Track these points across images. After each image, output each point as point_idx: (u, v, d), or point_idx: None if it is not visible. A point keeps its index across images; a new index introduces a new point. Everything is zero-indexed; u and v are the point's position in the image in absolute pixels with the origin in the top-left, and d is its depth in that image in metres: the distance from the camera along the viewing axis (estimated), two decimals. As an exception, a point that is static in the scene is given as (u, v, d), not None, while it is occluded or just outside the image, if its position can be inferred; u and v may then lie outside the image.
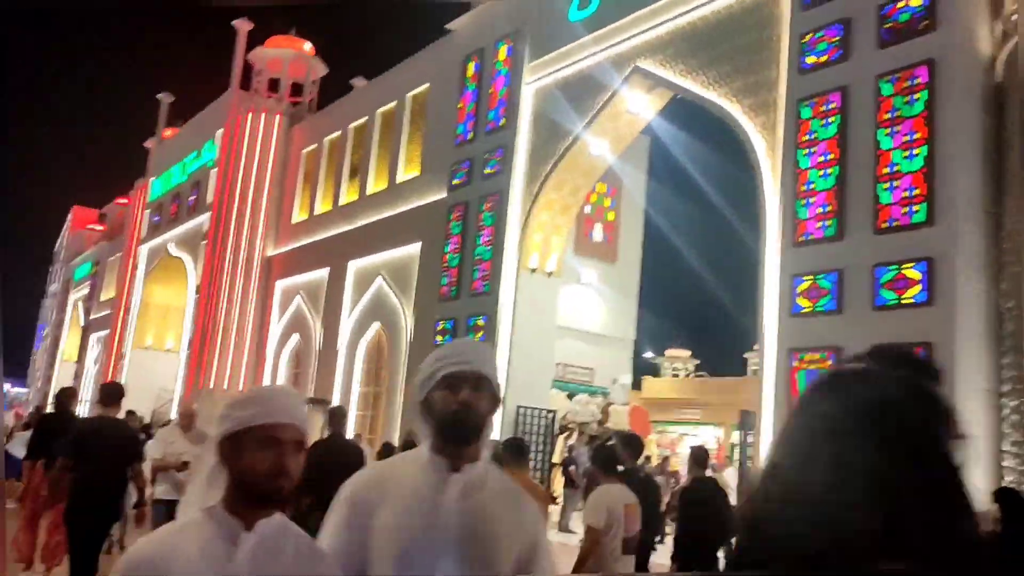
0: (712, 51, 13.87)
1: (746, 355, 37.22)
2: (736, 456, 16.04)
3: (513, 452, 6.88)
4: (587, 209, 20.01)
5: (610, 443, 18.27)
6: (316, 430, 15.58)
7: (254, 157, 27.94)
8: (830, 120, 11.67)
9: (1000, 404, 10.01)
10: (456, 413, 2.15)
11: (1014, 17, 10.08)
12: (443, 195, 19.63)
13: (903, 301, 10.41)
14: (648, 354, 25.59)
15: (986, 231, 10.41)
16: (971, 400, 9.81)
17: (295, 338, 25.59)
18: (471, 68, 19.47)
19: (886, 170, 10.85)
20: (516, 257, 17.28)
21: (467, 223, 18.47)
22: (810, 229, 11.66)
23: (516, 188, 17.49)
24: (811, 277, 11.50)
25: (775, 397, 11.73)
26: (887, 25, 11.21)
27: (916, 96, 10.70)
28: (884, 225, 10.77)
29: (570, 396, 18.93)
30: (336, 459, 8.03)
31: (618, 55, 15.72)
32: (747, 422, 13.78)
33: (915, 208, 10.49)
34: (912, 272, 10.39)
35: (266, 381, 26.31)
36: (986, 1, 10.86)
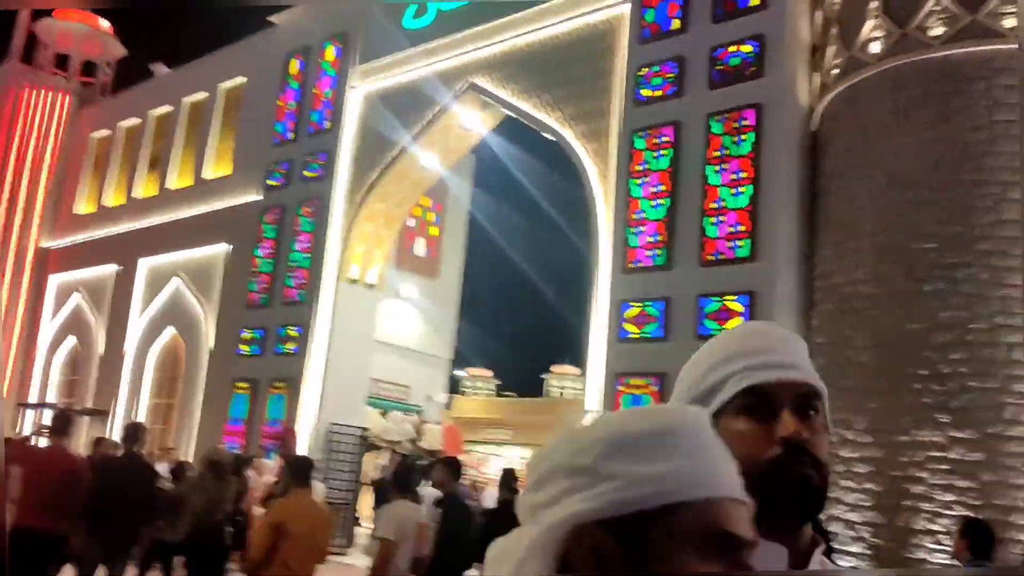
0: (548, 75, 13.98)
1: (543, 375, 38.03)
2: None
3: (295, 471, 6.36)
4: (410, 222, 19.58)
5: (417, 463, 17.87)
6: (85, 443, 14.11)
7: (31, 137, 25.11)
8: (663, 152, 12.05)
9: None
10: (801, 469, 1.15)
11: (834, 71, 10.86)
12: (257, 196, 18.48)
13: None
14: (460, 372, 25.46)
15: (800, 270, 11.11)
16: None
17: (71, 340, 23.13)
18: (294, 65, 18.52)
19: (714, 205, 11.32)
20: (336, 267, 16.54)
21: (283, 227, 17.48)
22: (640, 257, 11.95)
23: (339, 195, 16.77)
24: (640, 304, 11.78)
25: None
26: (719, 67, 11.75)
27: (743, 137, 11.26)
28: (710, 257, 11.22)
29: (384, 414, 18.37)
30: (123, 481, 7.14)
31: (452, 69, 15.49)
32: None
33: (739, 243, 11.01)
34: (735, 304, 10.87)
35: (35, 387, 23.61)
36: (807, 54, 11.65)
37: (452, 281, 21.28)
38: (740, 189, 11.15)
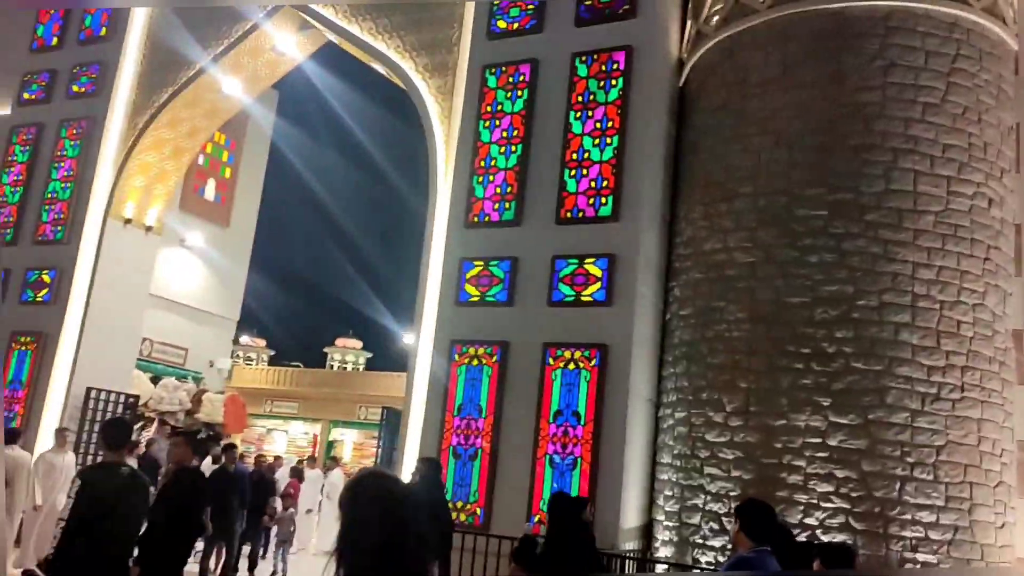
0: (385, -4, 12.09)
1: (326, 349, 35.55)
2: (377, 456, 14.33)
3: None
4: (200, 161, 16.87)
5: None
6: None
7: None
8: (518, 93, 10.62)
9: (662, 415, 9.70)
10: None
11: (714, 19, 9.91)
12: (4, 111, 15.06)
13: (582, 298, 9.64)
14: (245, 338, 22.67)
15: (662, 234, 10.11)
16: (636, 410, 9.35)
17: None
18: (64, -44, 15.22)
19: (575, 156, 10.04)
20: (106, 202, 13.68)
21: (38, 150, 14.29)
22: (486, 210, 10.46)
23: (116, 117, 13.89)
24: (482, 263, 10.29)
25: (427, 393, 10.28)
26: (587, 2, 10.47)
27: (612, 82, 10.06)
28: (567, 215, 9.94)
29: (155, 379, 15.62)
30: None
31: (268, -21, 13.15)
32: (391, 420, 12.16)
33: (602, 200, 9.80)
34: (593, 268, 9.66)
35: None
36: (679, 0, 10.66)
37: (244, 231, 18.67)
38: (606, 140, 9.95)
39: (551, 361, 9.60)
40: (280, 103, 19.35)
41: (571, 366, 9.51)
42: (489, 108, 10.74)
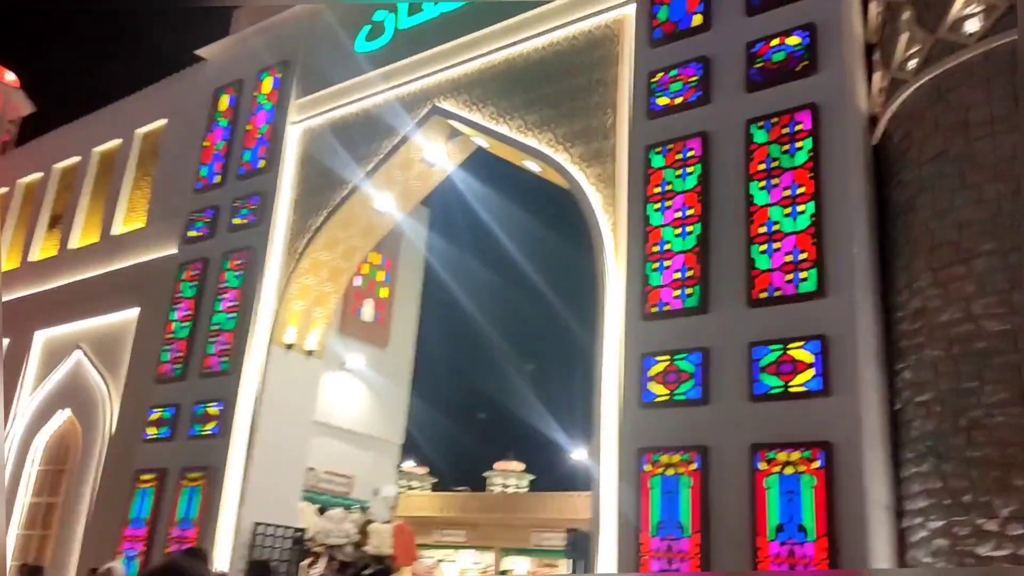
0: (531, 93, 11.64)
1: (486, 473, 34.35)
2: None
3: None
4: (356, 281, 16.77)
5: (363, 572, 14.52)
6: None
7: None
8: (688, 170, 9.66)
9: (909, 526, 8.00)
10: None
11: (910, 63, 8.71)
12: (173, 251, 15.49)
13: (791, 389, 8.26)
14: (407, 464, 22.00)
15: (876, 308, 8.66)
16: (876, 520, 7.74)
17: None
18: (224, 102, 15.89)
19: (763, 229, 8.89)
20: (269, 329, 13.55)
21: (205, 285, 14.47)
22: (665, 298, 9.38)
23: (276, 243, 13.93)
24: (667, 357, 9.13)
25: (619, 509, 9.02)
26: (758, 65, 9.53)
27: (798, 145, 8.95)
28: (762, 295, 8.71)
29: (322, 510, 15.05)
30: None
31: (413, 94, 13.06)
32: (579, 544, 10.89)
33: (802, 275, 8.53)
34: (802, 353, 8.31)
35: None
36: (861, 51, 9.54)
37: (404, 351, 18.29)
38: (798, 208, 8.76)
39: (762, 465, 8.18)
40: (432, 218, 19.23)
41: (788, 470, 8.05)
42: (657, 189, 9.83)
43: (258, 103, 15.15)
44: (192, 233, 15.18)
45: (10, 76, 25.61)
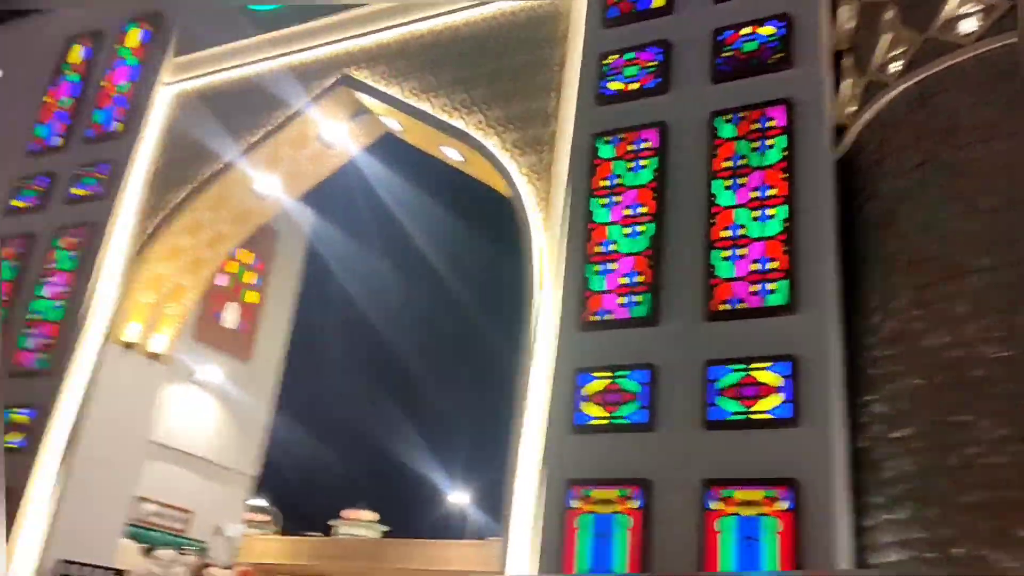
0: (460, 71, 10.23)
1: (331, 522, 31.48)
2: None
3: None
4: (221, 280, 14.52)
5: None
6: None
7: None
8: (642, 163, 8.45)
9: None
10: None
11: (892, 65, 7.90)
12: (-9, 224, 12.83)
13: (753, 416, 7.02)
14: (257, 501, 19.17)
15: (852, 330, 7.62)
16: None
17: None
18: (77, 53, 13.54)
19: (727, 233, 7.74)
20: (106, 323, 11.18)
21: (26, 265, 11.93)
22: (608, 305, 8.02)
23: (123, 221, 11.64)
24: (608, 374, 7.73)
25: (535, 557, 7.42)
26: (726, 54, 8.52)
27: (769, 142, 7.93)
28: (723, 307, 7.51)
29: (148, 550, 12.48)
30: None
31: (314, 61, 11.37)
32: None
33: (770, 287, 7.40)
34: (767, 375, 7.12)
35: None
36: (830, 56, 8.70)
37: (268, 367, 15.92)
38: (768, 212, 7.68)
39: (716, 505, 6.86)
40: (321, 211, 17.04)
41: (747, 511, 6.76)
42: (604, 183, 8.55)
43: (119, 57, 12.91)
44: (16, 203, 12.62)
45: None
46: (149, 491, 12.83)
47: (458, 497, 25.79)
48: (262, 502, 23.71)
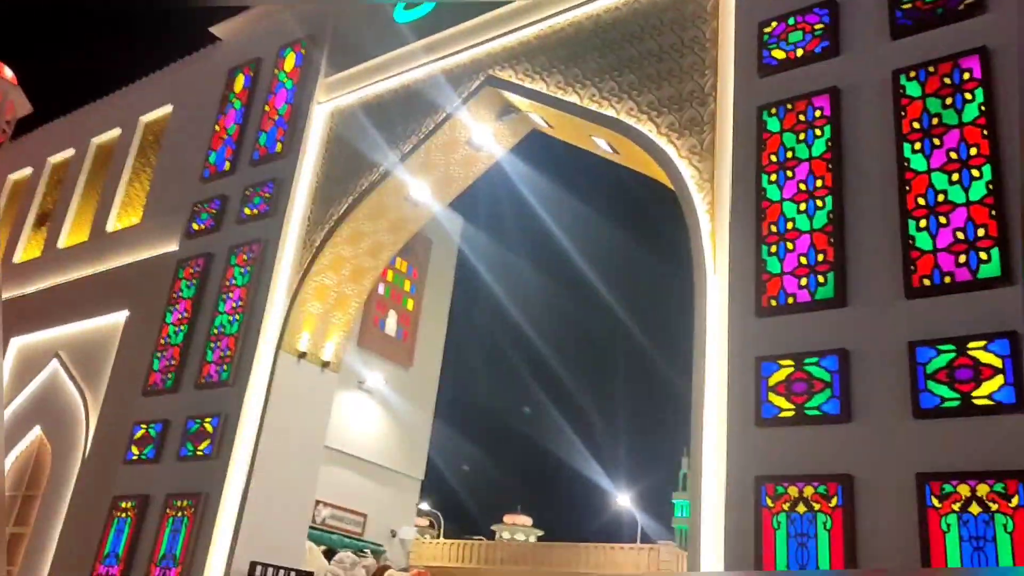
0: (604, 58, 9.88)
1: (494, 527, 31.74)
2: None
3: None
4: (379, 290, 14.82)
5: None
6: None
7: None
8: (816, 133, 7.82)
9: None
10: None
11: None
12: (172, 247, 13.60)
13: (974, 401, 6.27)
14: (424, 505, 19.59)
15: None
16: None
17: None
18: (240, 82, 14.16)
19: (923, 201, 7.00)
20: (278, 334, 11.57)
21: (206, 283, 12.56)
22: (788, 288, 7.45)
23: (291, 236, 12.05)
24: (792, 362, 7.16)
25: (724, 558, 6.95)
26: (905, 6, 7.75)
27: (966, 97, 7.12)
28: (925, 282, 6.78)
29: (329, 552, 12.84)
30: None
31: (460, 65, 11.34)
32: None
33: (981, 256, 6.62)
34: (986, 355, 6.34)
35: None
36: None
37: (429, 374, 16.15)
38: (971, 173, 6.89)
39: (936, 503, 6.15)
40: (471, 216, 17.17)
41: (974, 508, 6.02)
42: (774, 158, 7.97)
43: (278, 82, 13.41)
44: (195, 226, 13.31)
45: (7, 72, 23.97)
46: (326, 494, 13.19)
47: (623, 501, 25.35)
48: (424, 506, 24.21)
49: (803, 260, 7.44)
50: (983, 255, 6.60)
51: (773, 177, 7.89)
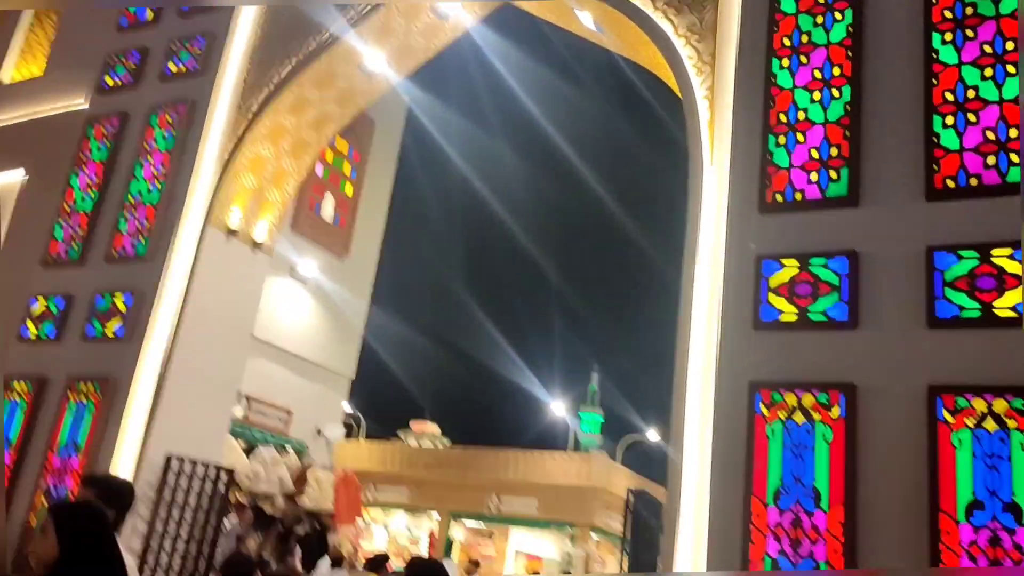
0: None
1: (400, 431, 31.33)
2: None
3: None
4: (317, 170, 13.64)
5: (295, 528, 11.59)
6: None
7: None
8: (835, 16, 7.15)
9: None
10: None
11: None
12: (80, 103, 12.07)
13: (995, 311, 5.86)
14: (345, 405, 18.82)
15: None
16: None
17: None
18: (166, -79, 12.43)
19: (950, 96, 6.46)
20: (205, 206, 10.40)
21: (120, 146, 11.17)
22: (797, 182, 6.86)
23: (223, 99, 10.74)
24: (797, 262, 6.63)
25: (712, 469, 6.49)
26: None
27: (1009, -15, 6.53)
28: (949, 183, 6.29)
29: (249, 449, 12.00)
30: None
31: (429, -79, 10.10)
32: (646, 513, 8.27)
33: (1012, 158, 6.15)
34: (1012, 264, 5.93)
35: None
36: None
37: (365, 266, 15.15)
38: (1005, 70, 6.35)
39: (948, 417, 5.77)
40: (426, 90, 15.81)
41: (988, 424, 5.66)
42: (787, 42, 7.27)
43: (212, -77, 11.79)
44: (109, 81, 11.79)
45: None
46: (250, 389, 12.26)
47: (557, 409, 25.07)
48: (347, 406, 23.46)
49: (814, 154, 6.84)
50: (1013, 157, 6.12)
51: (785, 62, 7.20)
